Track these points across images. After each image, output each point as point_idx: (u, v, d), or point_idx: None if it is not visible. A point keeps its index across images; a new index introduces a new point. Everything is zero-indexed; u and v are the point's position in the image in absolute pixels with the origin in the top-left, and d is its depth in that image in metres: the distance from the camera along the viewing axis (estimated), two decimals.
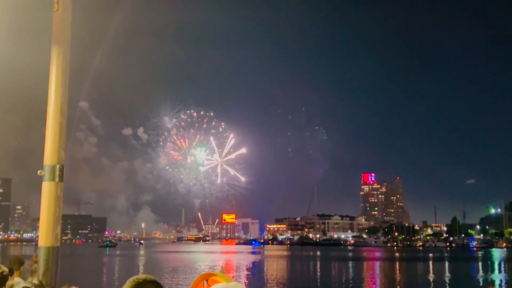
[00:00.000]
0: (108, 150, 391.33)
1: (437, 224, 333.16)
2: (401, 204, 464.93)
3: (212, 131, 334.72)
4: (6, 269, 7.96)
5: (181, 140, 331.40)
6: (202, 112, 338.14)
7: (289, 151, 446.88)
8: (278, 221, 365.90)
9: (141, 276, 3.63)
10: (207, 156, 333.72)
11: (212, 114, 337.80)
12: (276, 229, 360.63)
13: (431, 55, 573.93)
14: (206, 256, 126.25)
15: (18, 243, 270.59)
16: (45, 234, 5.51)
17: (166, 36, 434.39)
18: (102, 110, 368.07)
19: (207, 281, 4.21)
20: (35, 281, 4.90)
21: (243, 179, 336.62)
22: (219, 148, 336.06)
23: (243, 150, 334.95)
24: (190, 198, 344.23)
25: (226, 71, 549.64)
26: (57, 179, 5.60)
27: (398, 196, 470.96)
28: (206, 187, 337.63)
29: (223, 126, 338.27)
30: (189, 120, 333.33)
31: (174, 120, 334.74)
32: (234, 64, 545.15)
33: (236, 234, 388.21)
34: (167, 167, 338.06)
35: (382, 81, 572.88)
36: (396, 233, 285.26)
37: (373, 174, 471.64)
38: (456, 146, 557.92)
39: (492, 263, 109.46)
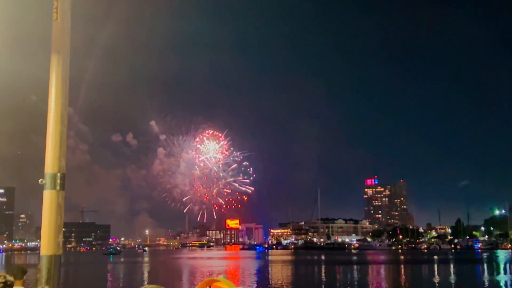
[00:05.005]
0: (100, 157, 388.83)
1: (441, 226, 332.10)
2: (405, 206, 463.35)
3: (203, 135, 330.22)
4: (11, 278, 7.96)
5: (172, 145, 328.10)
6: (190, 117, 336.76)
7: (291, 155, 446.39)
8: (282, 225, 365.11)
9: (150, 286, 3.63)
10: (202, 160, 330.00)
11: (201, 118, 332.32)
12: (280, 233, 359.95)
13: (432, 54, 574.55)
14: (210, 262, 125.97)
15: (23, 252, 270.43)
16: (47, 243, 5.52)
17: (154, 43, 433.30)
18: (88, 116, 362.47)
19: (210, 287, 4.21)
20: None
21: (242, 185, 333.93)
22: (213, 153, 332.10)
23: (234, 165, 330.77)
24: (189, 204, 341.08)
25: (217, 77, 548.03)
26: (58, 188, 5.61)
27: (402, 198, 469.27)
28: (203, 193, 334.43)
29: (215, 131, 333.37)
30: (178, 125, 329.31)
31: (162, 125, 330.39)
32: (225, 70, 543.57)
33: (240, 240, 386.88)
34: (161, 173, 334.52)
35: (384, 83, 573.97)
36: (401, 236, 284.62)
37: (376, 177, 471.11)
38: (459, 148, 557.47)
39: (497, 264, 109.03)
